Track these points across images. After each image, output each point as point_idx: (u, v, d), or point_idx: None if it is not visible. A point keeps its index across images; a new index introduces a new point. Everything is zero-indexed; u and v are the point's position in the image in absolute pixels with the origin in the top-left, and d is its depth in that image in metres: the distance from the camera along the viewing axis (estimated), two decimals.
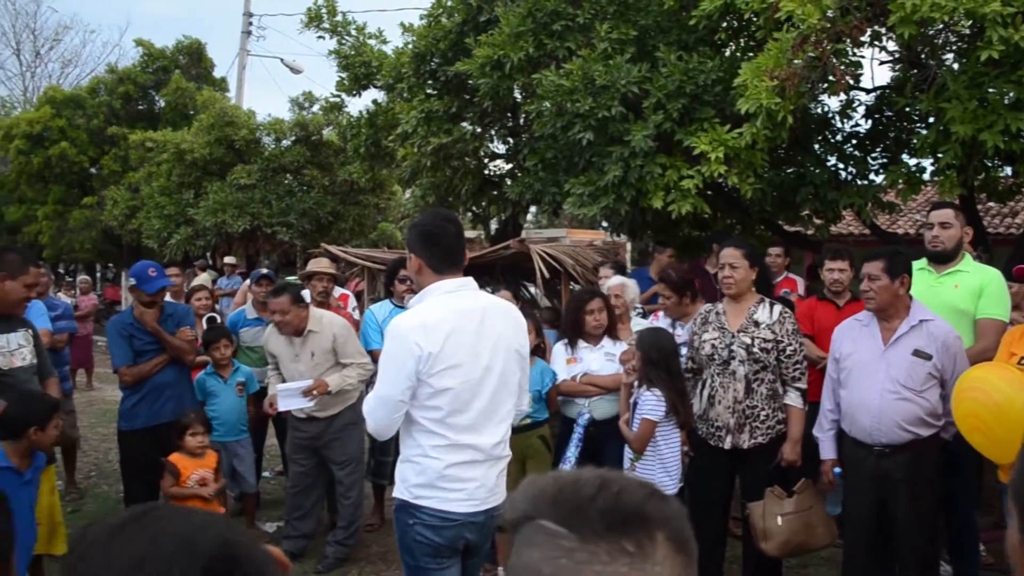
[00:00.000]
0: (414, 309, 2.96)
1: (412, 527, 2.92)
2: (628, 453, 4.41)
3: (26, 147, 20.25)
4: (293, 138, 17.28)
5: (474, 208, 12.55)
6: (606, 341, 4.97)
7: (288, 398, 4.96)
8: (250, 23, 20.89)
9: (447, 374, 2.85)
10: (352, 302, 6.93)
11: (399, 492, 2.97)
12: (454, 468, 2.90)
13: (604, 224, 11.26)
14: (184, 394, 5.14)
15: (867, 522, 4.00)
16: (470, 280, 3.05)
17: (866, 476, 3.96)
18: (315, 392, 4.92)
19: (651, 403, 4.24)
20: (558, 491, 0.85)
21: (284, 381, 5.17)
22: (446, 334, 2.84)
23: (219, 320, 6.61)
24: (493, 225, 14.15)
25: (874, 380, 3.89)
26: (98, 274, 25.61)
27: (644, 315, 5.88)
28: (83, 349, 11.22)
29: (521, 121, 9.25)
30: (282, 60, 20.23)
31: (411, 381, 2.82)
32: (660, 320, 5.25)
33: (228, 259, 14.44)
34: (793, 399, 4.25)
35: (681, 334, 4.94)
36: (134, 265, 5.20)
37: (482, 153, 10.21)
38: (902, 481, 3.84)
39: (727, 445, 4.24)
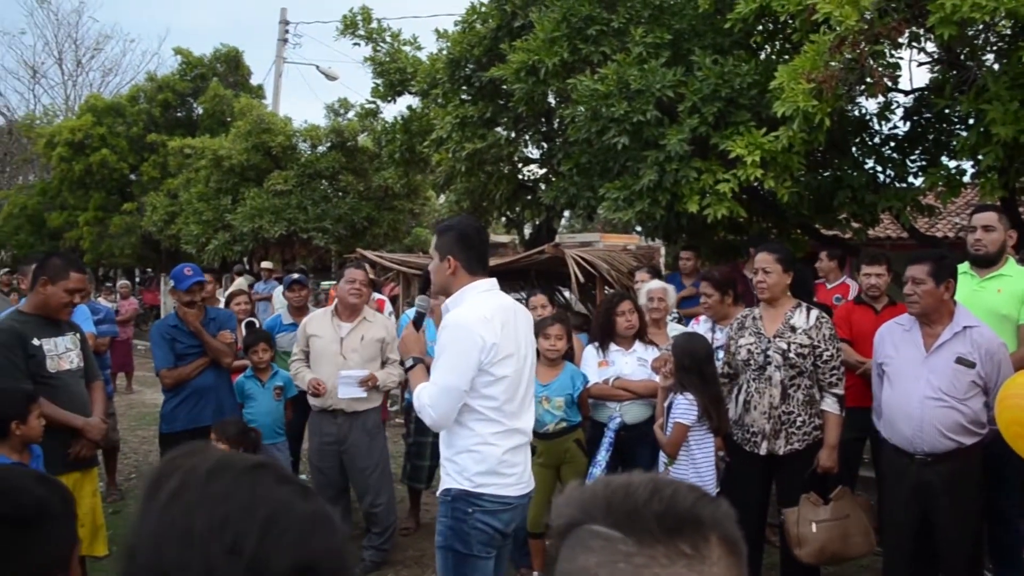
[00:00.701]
0: (468, 305, 3.09)
1: (471, 516, 3.06)
2: (662, 457, 4.40)
3: (68, 154, 20.65)
4: (329, 144, 17.44)
5: (508, 213, 12.57)
6: (638, 345, 4.97)
7: (347, 386, 4.95)
8: (286, 31, 21.13)
9: (504, 363, 3.06)
10: (388, 307, 6.97)
11: (456, 483, 3.08)
12: (509, 453, 3.11)
13: (638, 228, 11.21)
14: (224, 398, 5.21)
15: (907, 531, 3.94)
16: (495, 281, 3.26)
17: (907, 485, 3.90)
18: (368, 384, 4.96)
19: (683, 407, 4.23)
20: (610, 496, 0.85)
21: (309, 368, 5.19)
22: (501, 325, 3.05)
23: (257, 324, 6.67)
24: (527, 230, 14.16)
25: (915, 387, 3.82)
26: (136, 279, 25.99)
27: (681, 320, 5.86)
28: (123, 353, 11.39)
29: (555, 126, 9.26)
30: (318, 67, 20.47)
31: (474, 371, 2.99)
32: (701, 325, 5.21)
33: (265, 264, 14.58)
34: (830, 405, 4.21)
35: (720, 338, 4.91)
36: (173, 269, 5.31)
37: (516, 158, 10.23)
38: (944, 490, 3.77)
39: (763, 451, 4.21)
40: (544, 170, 10.36)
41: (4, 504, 1.21)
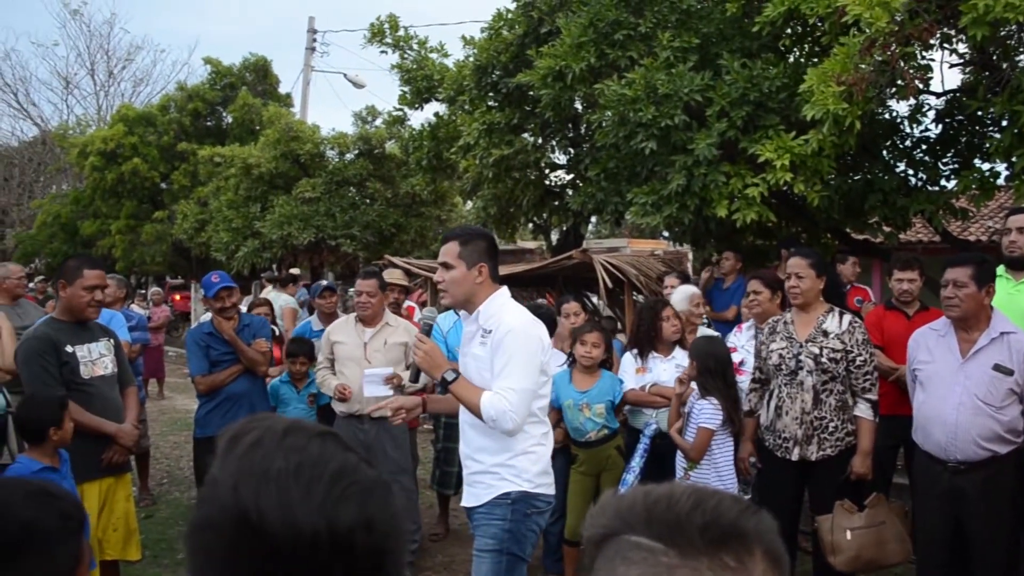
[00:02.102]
0: (511, 310, 3.17)
1: (530, 517, 3.13)
2: (681, 462, 4.37)
3: (100, 164, 20.93)
4: (356, 152, 17.53)
5: (535, 219, 12.57)
6: (678, 352, 4.93)
7: (373, 384, 4.94)
8: (314, 40, 21.29)
9: (550, 364, 3.24)
10: (417, 313, 7.00)
11: (515, 485, 3.11)
12: (550, 454, 3.24)
13: (665, 234, 11.18)
14: (257, 404, 5.26)
15: (941, 539, 3.88)
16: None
17: (940, 492, 3.84)
18: (393, 382, 4.95)
19: (708, 412, 4.22)
20: (651, 506, 0.83)
21: (334, 375, 5.20)
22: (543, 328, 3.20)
23: (277, 333, 6.72)
24: (554, 236, 14.15)
25: (950, 393, 3.77)
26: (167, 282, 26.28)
27: (710, 325, 5.82)
28: (155, 359, 11.52)
29: (582, 131, 9.25)
30: (345, 75, 20.57)
31: (539, 373, 3.11)
32: (744, 330, 5.16)
33: (292, 271, 14.68)
34: (863, 411, 4.16)
35: None
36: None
37: (543, 164, 10.23)
38: (978, 498, 3.71)
39: (795, 457, 4.17)
40: (571, 176, 10.35)
41: None
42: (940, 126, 6.90)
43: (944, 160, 6.89)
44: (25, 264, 23.33)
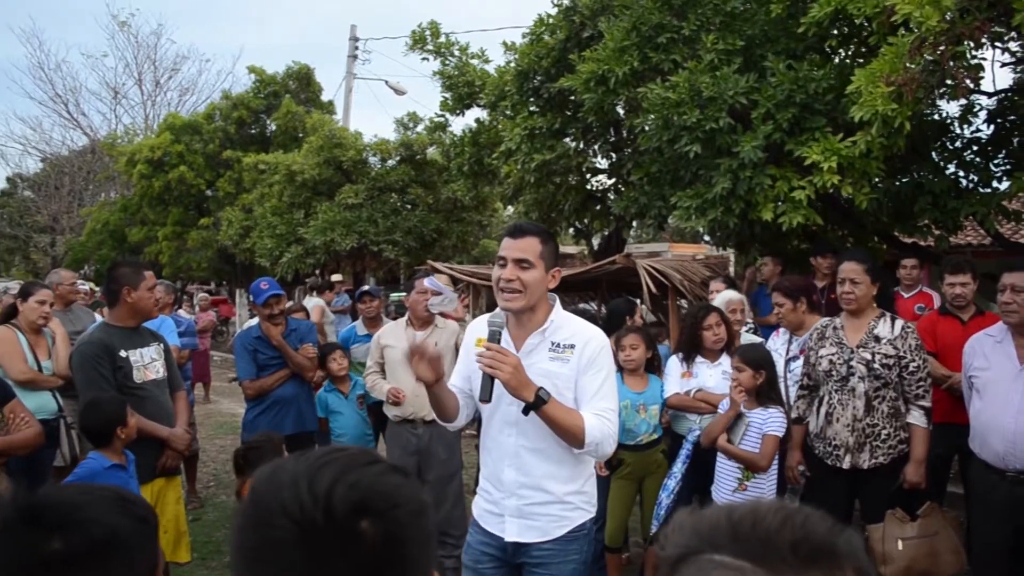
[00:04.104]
0: (585, 322, 2.89)
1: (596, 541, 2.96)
2: (734, 471, 4.29)
3: (148, 171, 21.33)
4: (398, 158, 17.65)
5: (577, 223, 12.55)
6: (724, 358, 4.86)
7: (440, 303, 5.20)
8: (356, 47, 21.48)
9: None
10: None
11: (589, 513, 2.88)
12: None
13: (706, 238, 11.08)
14: (304, 408, 5.31)
15: (1000, 551, 3.76)
16: None
17: (999, 503, 3.73)
18: (400, 397, 5.06)
19: (778, 420, 4.21)
20: (736, 524, 0.81)
21: (385, 379, 5.27)
22: None
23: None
24: (595, 241, 14.11)
25: (1009, 401, 3.66)
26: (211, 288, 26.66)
27: (756, 330, 5.75)
28: (201, 364, 11.70)
29: (624, 135, 9.22)
30: (387, 82, 20.73)
31: None
32: (780, 336, 5.10)
33: (335, 277, 14.81)
34: (916, 418, 4.07)
35: (795, 349, 4.81)
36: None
37: (585, 169, 10.21)
38: None
39: (846, 465, 4.10)
40: (613, 180, 10.33)
41: (76, 538, 1.21)
42: (992, 126, 6.76)
43: (996, 161, 6.74)
44: (75, 270, 23.83)
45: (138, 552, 1.28)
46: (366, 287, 7.11)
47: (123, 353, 4.14)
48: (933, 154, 6.81)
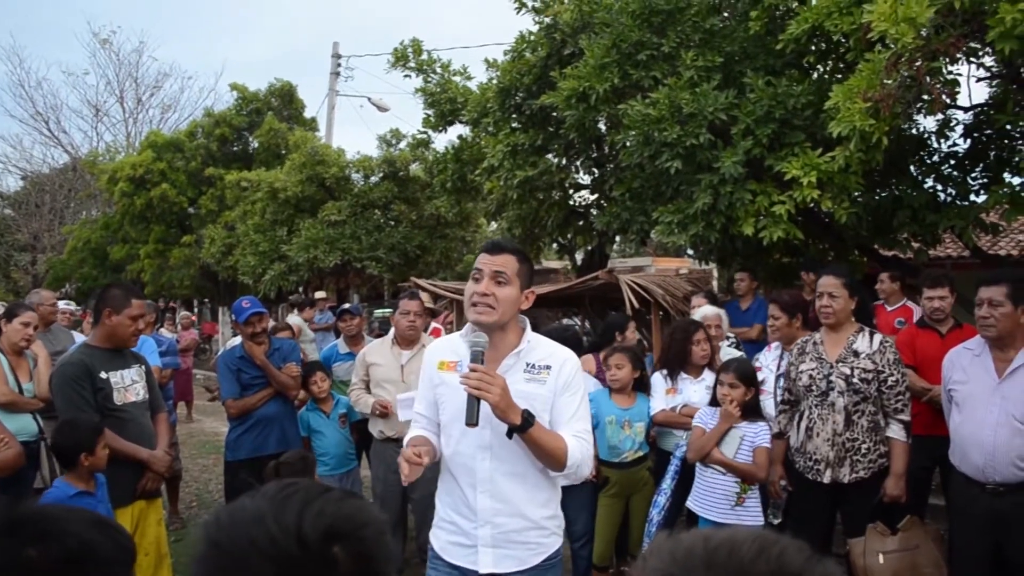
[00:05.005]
0: (556, 343, 2.81)
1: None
2: (734, 487, 4.29)
3: (129, 189, 21.26)
4: (381, 174, 17.66)
5: (560, 239, 12.58)
6: (707, 373, 4.90)
7: (407, 408, 4.94)
8: (338, 64, 21.51)
9: None
10: (444, 335, 7.01)
11: (561, 538, 2.78)
12: None
13: (689, 252, 11.14)
14: (288, 427, 5.28)
15: (980, 564, 3.77)
16: None
17: (978, 516, 3.74)
18: None
19: (767, 432, 4.31)
20: (711, 552, 0.81)
21: (370, 395, 5.23)
22: None
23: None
24: (579, 256, 14.15)
25: (987, 414, 3.68)
26: (195, 310, 26.53)
27: (738, 345, 5.77)
28: (184, 383, 11.61)
29: (606, 152, 9.26)
30: (369, 99, 20.77)
31: None
32: (772, 351, 5.12)
33: (319, 294, 14.76)
34: (896, 432, 4.08)
35: (785, 364, 4.84)
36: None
37: (567, 184, 10.25)
38: (1019, 521, 3.61)
39: (826, 479, 4.11)
40: (595, 196, 10.36)
41: (53, 548, 1.21)
42: (968, 140, 6.84)
43: (973, 175, 6.82)
44: (56, 289, 23.68)
45: (115, 569, 1.28)
46: (347, 305, 7.08)
47: (103, 375, 4.10)
48: (911, 168, 6.89)
